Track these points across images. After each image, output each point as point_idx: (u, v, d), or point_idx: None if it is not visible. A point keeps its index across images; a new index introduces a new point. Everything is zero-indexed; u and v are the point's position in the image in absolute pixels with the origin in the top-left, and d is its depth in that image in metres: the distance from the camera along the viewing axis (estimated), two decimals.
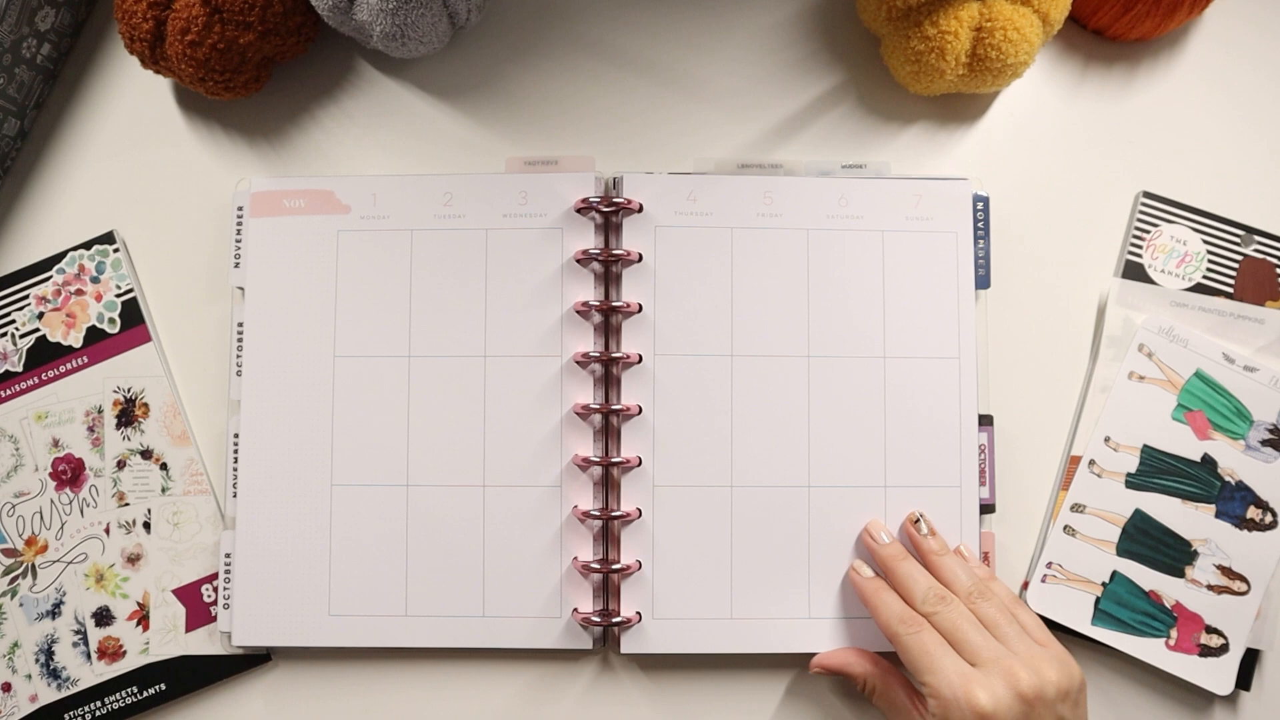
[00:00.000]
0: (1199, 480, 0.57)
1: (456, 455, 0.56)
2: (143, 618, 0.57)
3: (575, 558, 0.55)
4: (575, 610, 0.55)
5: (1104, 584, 0.56)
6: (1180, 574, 0.56)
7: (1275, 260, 0.59)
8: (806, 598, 0.55)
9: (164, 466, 0.58)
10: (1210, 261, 0.59)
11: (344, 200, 0.56)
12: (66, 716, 0.56)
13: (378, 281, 0.57)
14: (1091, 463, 0.57)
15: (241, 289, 0.57)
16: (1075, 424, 0.58)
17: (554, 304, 0.56)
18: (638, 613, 0.55)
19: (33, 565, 0.57)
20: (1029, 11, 0.55)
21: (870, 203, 0.56)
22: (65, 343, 0.58)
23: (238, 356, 0.57)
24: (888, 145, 0.61)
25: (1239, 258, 0.59)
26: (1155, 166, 0.60)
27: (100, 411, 0.58)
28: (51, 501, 0.58)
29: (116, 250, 0.59)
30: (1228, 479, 0.57)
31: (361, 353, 0.56)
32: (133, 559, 0.57)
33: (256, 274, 0.57)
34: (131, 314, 0.59)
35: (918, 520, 0.55)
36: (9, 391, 0.58)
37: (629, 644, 0.55)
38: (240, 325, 0.57)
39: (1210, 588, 0.56)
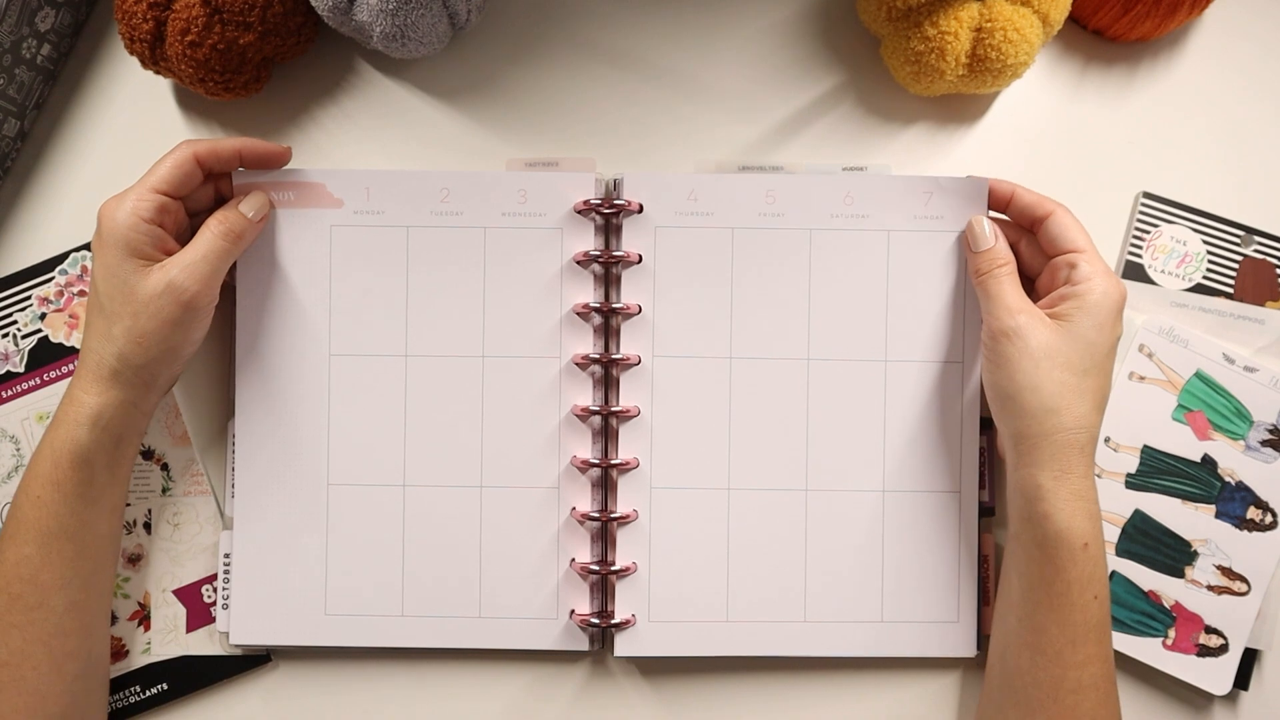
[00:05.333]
0: (1199, 481, 0.57)
1: (454, 456, 0.56)
2: (144, 618, 0.57)
3: (573, 559, 0.56)
4: (573, 612, 0.55)
5: None
6: (1180, 574, 0.56)
7: (1275, 260, 0.59)
8: (803, 602, 0.56)
9: (164, 467, 0.58)
10: (1210, 262, 0.59)
11: (336, 194, 0.56)
12: None
13: (373, 278, 0.56)
14: None
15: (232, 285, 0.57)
16: None
17: (553, 305, 0.56)
18: (633, 615, 0.55)
19: None
20: (1029, 12, 0.55)
21: (877, 201, 0.56)
22: (68, 344, 0.59)
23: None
24: (888, 146, 0.61)
25: (1239, 258, 0.59)
26: (1155, 166, 0.60)
27: None
28: None
29: None
30: (1228, 479, 0.57)
31: (357, 351, 0.56)
32: (133, 559, 0.57)
33: (247, 267, 0.56)
34: None
35: None
36: (11, 392, 0.58)
37: (624, 646, 0.55)
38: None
39: (1210, 588, 0.56)
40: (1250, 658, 0.56)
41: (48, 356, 0.59)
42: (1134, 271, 0.59)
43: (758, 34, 0.61)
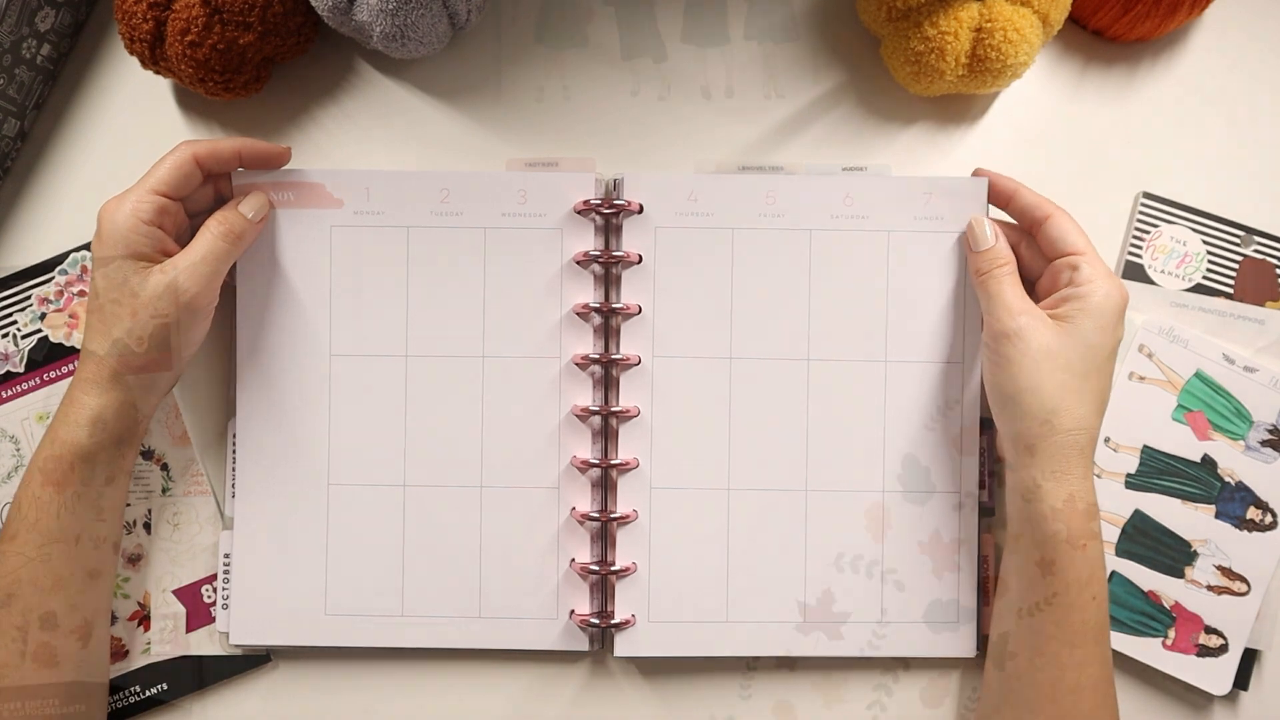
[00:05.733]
0: (1199, 481, 0.57)
1: (454, 456, 0.56)
2: (144, 618, 0.57)
3: (573, 560, 0.56)
4: (573, 612, 0.55)
5: None
6: (1180, 574, 0.56)
7: (1275, 260, 0.59)
8: (802, 603, 0.56)
9: (164, 467, 0.58)
10: (1210, 262, 0.59)
11: (336, 194, 0.56)
12: None
13: (373, 279, 0.56)
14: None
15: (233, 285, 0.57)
16: None
17: (553, 306, 0.56)
18: (633, 615, 0.55)
19: None
20: (1029, 12, 0.55)
21: (876, 201, 0.56)
22: (68, 344, 0.59)
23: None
24: (888, 146, 0.61)
25: (1239, 258, 0.59)
26: (1155, 166, 0.60)
27: None
28: None
29: None
30: (1228, 479, 0.57)
31: (357, 352, 0.56)
32: (133, 559, 0.57)
33: (246, 267, 0.56)
34: None
35: None
36: (10, 392, 0.58)
37: (623, 646, 0.55)
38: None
39: (1210, 588, 0.56)
40: (1250, 658, 0.56)
41: (48, 356, 0.59)
42: (1134, 271, 0.59)
43: (758, 34, 0.61)
